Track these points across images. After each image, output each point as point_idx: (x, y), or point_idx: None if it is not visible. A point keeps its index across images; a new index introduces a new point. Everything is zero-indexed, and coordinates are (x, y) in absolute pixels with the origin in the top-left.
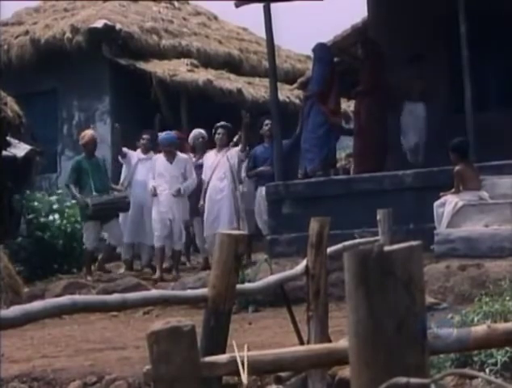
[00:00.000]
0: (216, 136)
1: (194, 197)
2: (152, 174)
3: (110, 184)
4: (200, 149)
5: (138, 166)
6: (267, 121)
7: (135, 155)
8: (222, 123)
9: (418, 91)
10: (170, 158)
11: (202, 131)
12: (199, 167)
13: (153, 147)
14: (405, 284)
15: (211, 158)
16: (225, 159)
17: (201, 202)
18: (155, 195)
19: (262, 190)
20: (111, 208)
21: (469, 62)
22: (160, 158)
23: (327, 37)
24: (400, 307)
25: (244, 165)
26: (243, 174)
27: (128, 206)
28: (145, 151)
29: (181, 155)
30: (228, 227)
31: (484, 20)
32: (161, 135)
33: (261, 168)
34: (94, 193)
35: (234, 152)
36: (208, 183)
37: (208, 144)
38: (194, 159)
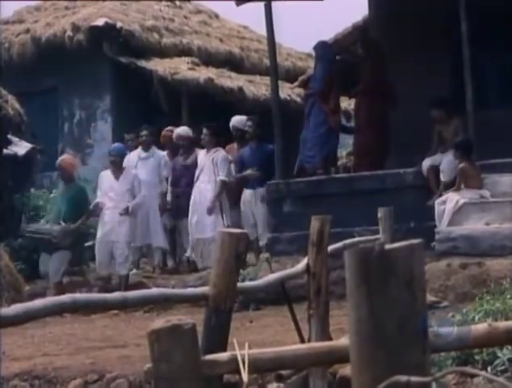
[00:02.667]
0: (202, 136)
1: (181, 199)
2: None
3: (69, 216)
4: (185, 149)
5: (139, 166)
6: (249, 123)
7: (134, 155)
8: (208, 123)
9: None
10: (117, 172)
11: (184, 130)
12: (184, 168)
13: (153, 142)
14: (407, 282)
15: (200, 158)
16: (210, 162)
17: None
18: (98, 214)
19: (246, 193)
20: (38, 239)
21: (470, 60)
22: (106, 175)
23: (328, 35)
24: (402, 305)
25: (226, 167)
26: (220, 177)
27: (51, 246)
28: (146, 148)
29: (128, 170)
30: (213, 232)
31: (486, 18)
32: (113, 145)
33: (246, 172)
34: (41, 221)
35: (221, 154)
36: (195, 184)
37: (195, 143)
38: (181, 159)
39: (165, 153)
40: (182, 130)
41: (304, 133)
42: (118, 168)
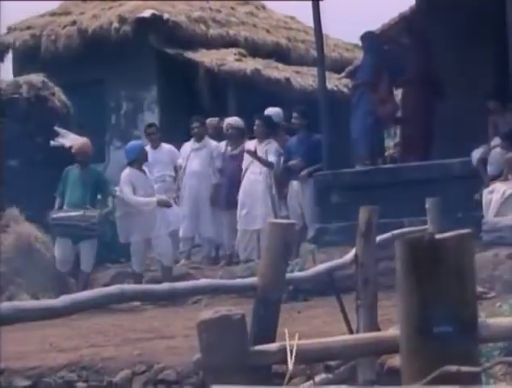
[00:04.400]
0: (254, 127)
1: (226, 189)
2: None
3: (95, 201)
4: (234, 139)
5: (191, 157)
6: (295, 114)
7: (187, 146)
8: (260, 114)
9: None
10: (143, 169)
11: (235, 119)
12: (231, 158)
13: (206, 132)
14: (456, 271)
15: (251, 148)
16: (263, 153)
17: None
18: (170, 205)
19: (293, 184)
20: (74, 227)
21: None
22: (133, 172)
23: (375, 25)
24: (451, 295)
25: (278, 158)
26: (275, 169)
27: (93, 228)
28: (199, 138)
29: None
30: (263, 224)
31: None
32: (131, 144)
33: (291, 162)
34: (65, 207)
35: (274, 146)
36: (244, 175)
37: (247, 134)
38: (229, 149)
39: (218, 143)
40: (233, 120)
41: (352, 124)
42: (141, 166)
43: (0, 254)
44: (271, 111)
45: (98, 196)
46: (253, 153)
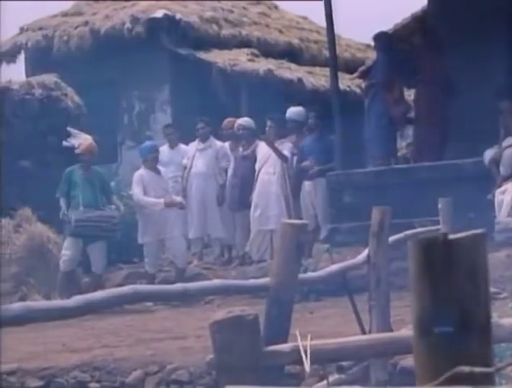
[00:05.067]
0: (266, 128)
1: (238, 190)
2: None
3: (104, 201)
4: (245, 139)
5: (196, 157)
6: (312, 113)
7: (192, 146)
8: (272, 115)
9: None
10: (157, 170)
11: (246, 120)
12: (243, 159)
13: (211, 133)
14: (470, 272)
15: (263, 149)
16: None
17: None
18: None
19: (305, 185)
20: (95, 227)
21: None
22: (146, 173)
23: (387, 26)
24: (465, 295)
25: (291, 159)
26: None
27: (114, 228)
28: (204, 139)
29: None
30: (277, 224)
31: None
32: (145, 144)
33: (304, 163)
34: (81, 208)
35: (287, 146)
36: (258, 175)
37: (259, 134)
38: (241, 149)
39: (224, 144)
40: (244, 120)
41: (366, 124)
42: (155, 166)
43: (12, 254)
44: (293, 110)
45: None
46: (271, 143)
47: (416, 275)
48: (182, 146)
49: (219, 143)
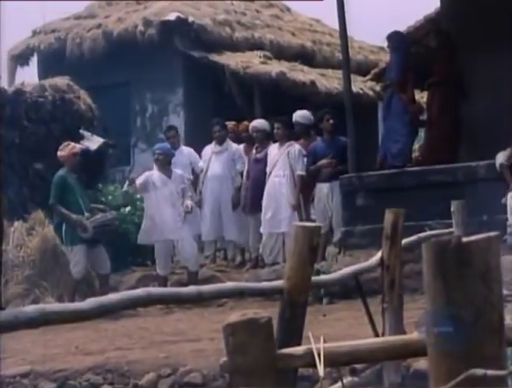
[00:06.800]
0: (274, 130)
1: (250, 192)
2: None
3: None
4: (259, 141)
5: (212, 160)
6: (327, 116)
7: (208, 149)
8: (279, 117)
9: None
10: (167, 171)
11: (260, 122)
12: (256, 161)
13: (227, 136)
14: (483, 275)
15: (273, 152)
16: (285, 156)
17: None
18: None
19: (321, 187)
20: (109, 231)
21: None
22: (156, 174)
23: (400, 27)
24: (478, 298)
25: (301, 161)
26: (299, 172)
27: (115, 230)
28: (220, 142)
29: (177, 171)
30: (288, 228)
31: None
32: (158, 144)
33: (321, 162)
34: (86, 213)
35: (296, 148)
36: (268, 178)
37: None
38: (254, 151)
39: (239, 146)
40: (258, 122)
41: (386, 124)
42: (165, 166)
43: (25, 257)
44: (299, 113)
45: None
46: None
47: (429, 277)
48: (186, 148)
49: (234, 145)
